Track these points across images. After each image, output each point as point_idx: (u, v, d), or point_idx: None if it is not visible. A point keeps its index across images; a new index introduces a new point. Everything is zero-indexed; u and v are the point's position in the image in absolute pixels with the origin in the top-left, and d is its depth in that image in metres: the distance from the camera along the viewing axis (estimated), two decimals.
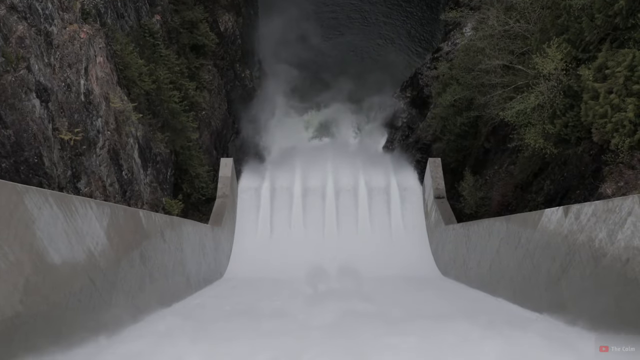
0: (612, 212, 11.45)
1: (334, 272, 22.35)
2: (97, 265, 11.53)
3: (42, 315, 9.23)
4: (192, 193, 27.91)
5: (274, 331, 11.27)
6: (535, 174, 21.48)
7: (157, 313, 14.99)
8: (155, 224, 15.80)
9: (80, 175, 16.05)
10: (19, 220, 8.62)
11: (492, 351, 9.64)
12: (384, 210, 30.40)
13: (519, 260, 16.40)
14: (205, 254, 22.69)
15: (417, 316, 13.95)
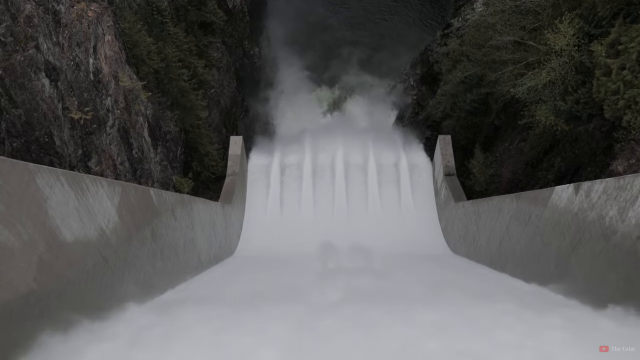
0: (623, 190, 11.40)
1: (344, 250, 22.44)
2: (109, 243, 11.63)
3: (55, 292, 9.34)
4: (202, 171, 27.97)
5: (284, 309, 11.35)
6: (545, 151, 21.37)
7: (169, 290, 15.17)
8: (166, 202, 15.88)
9: (90, 154, 16.12)
10: (31, 199, 8.69)
11: (499, 323, 9.70)
12: (393, 188, 30.38)
13: (529, 238, 16.40)
14: (216, 232, 22.82)
15: (427, 292, 14.00)
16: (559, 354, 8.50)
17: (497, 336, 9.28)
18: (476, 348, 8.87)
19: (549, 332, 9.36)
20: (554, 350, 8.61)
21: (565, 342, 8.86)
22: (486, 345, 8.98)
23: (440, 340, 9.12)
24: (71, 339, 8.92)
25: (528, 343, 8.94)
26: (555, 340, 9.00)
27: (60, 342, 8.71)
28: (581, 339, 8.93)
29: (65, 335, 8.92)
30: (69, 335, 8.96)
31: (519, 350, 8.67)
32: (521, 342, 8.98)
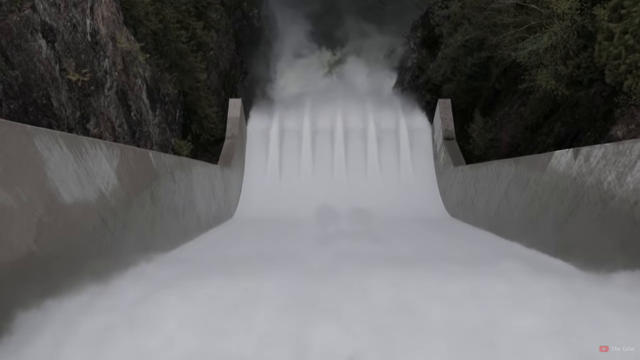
0: (622, 155, 11.42)
1: (343, 213, 22.55)
2: (109, 205, 11.67)
3: (56, 254, 9.41)
4: (201, 134, 27.90)
5: (282, 272, 11.44)
6: (545, 115, 21.29)
7: (169, 252, 15.27)
8: (165, 165, 15.88)
9: (89, 116, 16.05)
10: (29, 162, 8.69)
11: (493, 286, 9.80)
12: (393, 152, 30.35)
13: (527, 202, 16.46)
14: (215, 195, 22.88)
15: (424, 255, 14.12)
16: (549, 319, 8.61)
17: (493, 300, 9.38)
18: (472, 310, 8.97)
19: (542, 296, 9.47)
20: (546, 314, 8.72)
21: (557, 307, 8.97)
22: (482, 309, 9.08)
23: (437, 304, 9.22)
24: (72, 299, 9.02)
25: (524, 307, 9.04)
26: (548, 304, 9.11)
27: (62, 303, 8.81)
28: (575, 304, 9.03)
29: (66, 295, 9.01)
30: (70, 296, 9.06)
31: (514, 313, 8.77)
32: (517, 307, 9.09)
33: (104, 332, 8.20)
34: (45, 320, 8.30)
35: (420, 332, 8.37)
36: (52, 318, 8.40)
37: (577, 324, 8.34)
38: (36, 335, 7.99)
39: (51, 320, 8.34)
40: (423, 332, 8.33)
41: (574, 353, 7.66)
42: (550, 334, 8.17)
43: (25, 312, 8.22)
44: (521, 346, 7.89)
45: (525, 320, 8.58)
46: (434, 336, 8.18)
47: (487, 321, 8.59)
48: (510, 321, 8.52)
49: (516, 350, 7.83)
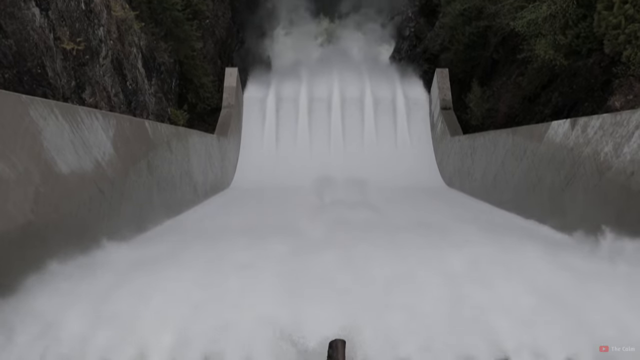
0: (619, 125, 11.41)
1: (339, 183, 22.58)
2: (105, 175, 11.67)
3: (53, 224, 9.43)
4: (197, 103, 27.74)
5: (278, 240, 11.50)
6: (543, 85, 21.21)
7: (166, 221, 15.33)
8: (162, 134, 15.84)
9: (84, 85, 15.93)
10: (25, 131, 8.66)
11: (487, 255, 9.89)
12: (390, 121, 30.28)
13: (524, 172, 16.50)
14: (212, 164, 22.87)
15: (420, 224, 14.18)
16: (546, 285, 8.71)
17: (485, 267, 9.48)
18: (466, 277, 9.06)
19: (533, 262, 9.57)
20: (541, 281, 8.82)
21: (550, 273, 9.07)
22: (475, 276, 9.17)
23: (434, 273, 9.31)
24: (69, 268, 9.07)
25: (516, 275, 9.14)
26: (539, 269, 9.21)
27: (59, 272, 8.87)
28: (569, 271, 9.13)
29: (63, 264, 9.06)
30: (67, 265, 9.11)
31: (506, 281, 8.86)
32: (508, 271, 9.19)
33: (102, 296, 8.30)
34: (43, 285, 8.37)
35: (414, 297, 8.47)
36: (51, 284, 8.47)
37: (564, 291, 8.46)
38: (35, 299, 8.06)
39: (50, 286, 8.41)
40: (418, 298, 8.43)
41: (560, 316, 7.82)
42: (537, 299, 8.30)
43: (24, 281, 8.28)
44: (511, 312, 8.01)
45: (515, 288, 8.68)
46: (429, 302, 8.29)
47: (478, 288, 8.68)
48: (498, 290, 8.61)
49: (508, 315, 7.95)
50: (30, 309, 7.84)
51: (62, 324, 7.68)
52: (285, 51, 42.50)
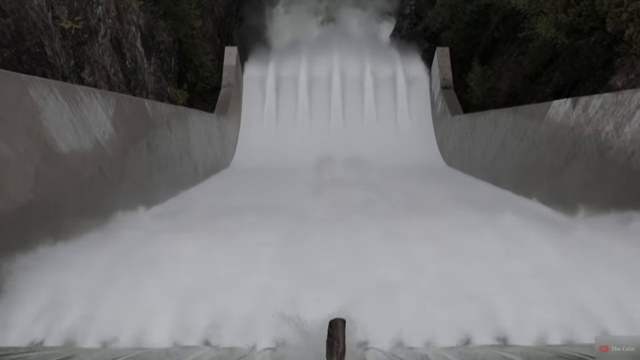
0: (620, 105, 11.39)
1: (339, 162, 22.58)
2: (105, 154, 11.66)
3: (54, 203, 9.45)
4: (197, 82, 27.60)
5: (279, 219, 11.56)
6: (544, 64, 21.08)
7: (166, 200, 15.35)
8: (161, 114, 15.81)
9: (83, 64, 15.84)
10: (25, 111, 8.64)
11: (485, 235, 9.94)
12: (390, 101, 30.15)
13: (524, 152, 16.49)
14: (212, 143, 22.84)
15: (419, 204, 14.22)
16: (545, 263, 8.77)
17: (480, 244, 9.54)
18: (461, 254, 9.13)
19: (531, 240, 9.63)
20: (541, 260, 8.87)
21: (541, 250, 9.14)
22: (472, 252, 9.23)
23: (432, 249, 9.37)
24: (71, 246, 9.13)
25: (514, 249, 9.22)
26: (537, 249, 9.27)
27: (61, 250, 8.92)
28: (565, 250, 9.19)
29: (65, 242, 9.12)
30: (68, 243, 9.16)
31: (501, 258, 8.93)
32: (508, 250, 9.25)
33: (104, 271, 8.38)
34: (44, 262, 8.42)
35: (411, 271, 8.57)
36: (52, 261, 8.53)
37: (558, 266, 8.53)
38: (37, 276, 8.13)
39: (51, 262, 8.47)
40: (414, 271, 8.54)
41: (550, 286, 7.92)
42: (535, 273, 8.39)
43: (24, 259, 8.33)
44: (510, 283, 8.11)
45: (509, 265, 8.75)
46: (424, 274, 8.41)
47: (473, 265, 8.75)
48: (495, 265, 8.67)
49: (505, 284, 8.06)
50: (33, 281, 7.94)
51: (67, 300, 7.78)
52: (285, 29, 42.15)
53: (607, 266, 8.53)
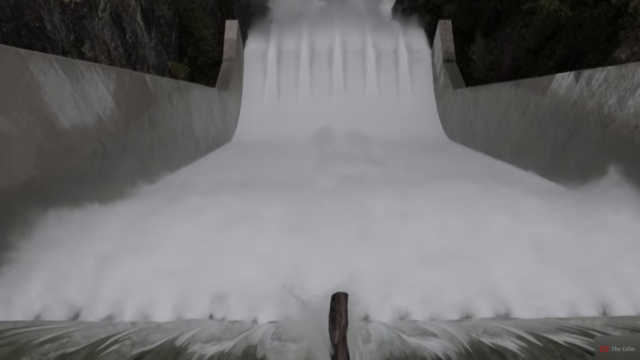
0: (624, 78, 11.32)
1: (341, 136, 22.53)
2: (107, 130, 11.65)
3: (56, 179, 9.46)
4: (198, 56, 27.43)
5: (282, 193, 11.59)
6: (548, 37, 20.89)
7: (169, 175, 15.37)
8: (163, 88, 15.75)
9: (83, 39, 15.74)
10: (25, 86, 8.62)
11: (491, 208, 9.98)
12: (392, 74, 29.99)
13: (526, 126, 16.44)
14: (213, 118, 22.79)
15: (422, 177, 14.22)
16: (545, 235, 8.81)
17: (481, 214, 9.59)
18: (464, 227, 9.17)
19: (531, 212, 9.67)
20: (540, 232, 8.92)
21: (550, 223, 9.17)
22: (472, 223, 9.28)
23: (433, 220, 9.43)
24: (75, 219, 9.18)
25: (517, 225, 9.25)
26: (539, 220, 9.31)
27: (65, 224, 8.97)
28: (566, 222, 9.23)
29: (69, 214, 9.17)
30: (72, 216, 9.21)
31: (509, 234, 8.95)
32: (510, 224, 9.28)
33: (108, 244, 8.44)
34: (48, 238, 8.48)
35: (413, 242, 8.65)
36: (57, 236, 8.58)
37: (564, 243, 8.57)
38: (44, 250, 8.19)
39: (55, 238, 8.52)
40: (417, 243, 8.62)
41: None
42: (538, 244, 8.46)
43: (29, 230, 8.39)
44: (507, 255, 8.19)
45: (509, 229, 8.80)
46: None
47: (473, 234, 8.81)
48: (494, 235, 8.72)
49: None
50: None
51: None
52: (286, 2, 41.77)
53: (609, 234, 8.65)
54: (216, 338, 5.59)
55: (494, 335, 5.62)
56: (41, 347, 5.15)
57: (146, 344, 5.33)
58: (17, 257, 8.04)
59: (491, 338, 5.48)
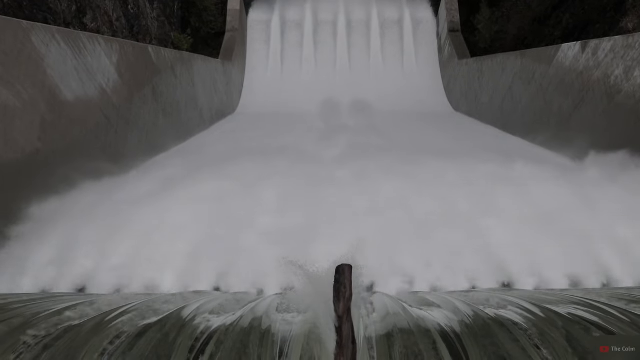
0: (631, 48, 11.22)
1: (345, 107, 22.47)
2: (110, 101, 11.63)
3: (60, 151, 9.48)
4: (201, 27, 27.21)
5: (288, 163, 11.63)
6: (554, 6, 20.67)
7: (172, 148, 15.39)
8: (166, 60, 15.68)
9: (85, 10, 15.62)
10: (28, 58, 8.58)
11: (494, 182, 9.98)
12: (396, 44, 29.74)
13: (531, 96, 16.35)
14: (217, 89, 22.71)
15: (427, 150, 14.21)
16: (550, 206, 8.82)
17: (484, 188, 9.60)
18: (467, 200, 9.19)
19: (537, 183, 9.68)
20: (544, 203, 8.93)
21: (556, 194, 9.18)
22: (477, 196, 9.29)
23: (437, 191, 9.44)
24: (80, 194, 9.22)
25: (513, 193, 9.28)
26: (544, 192, 9.31)
27: (70, 198, 9.00)
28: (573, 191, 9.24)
29: (74, 189, 9.20)
30: (78, 190, 9.25)
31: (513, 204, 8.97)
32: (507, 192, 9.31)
33: (117, 216, 8.48)
34: (55, 212, 8.52)
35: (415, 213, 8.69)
36: (63, 209, 8.63)
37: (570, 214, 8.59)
38: (49, 224, 8.23)
39: (62, 211, 8.57)
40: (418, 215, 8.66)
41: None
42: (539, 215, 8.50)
43: (40, 202, 8.45)
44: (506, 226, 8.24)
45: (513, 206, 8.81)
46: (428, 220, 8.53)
47: (479, 210, 8.82)
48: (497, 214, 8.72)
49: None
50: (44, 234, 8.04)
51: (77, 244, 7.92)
52: None
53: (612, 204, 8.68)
54: (222, 309, 5.64)
55: (497, 306, 5.66)
56: (50, 319, 5.20)
57: (153, 315, 5.39)
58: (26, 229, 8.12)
59: (494, 309, 5.51)
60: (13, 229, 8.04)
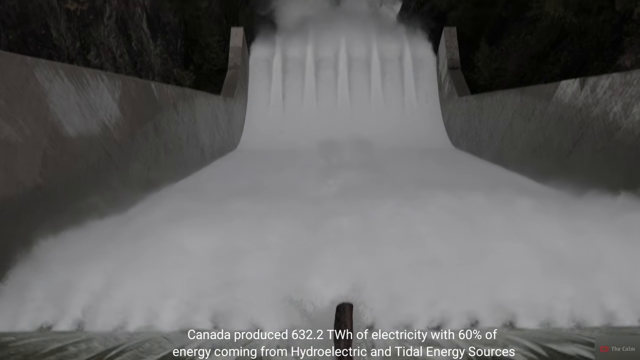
0: (629, 85, 11.29)
1: (346, 144, 22.54)
2: (112, 137, 11.68)
3: (61, 187, 9.48)
4: (203, 64, 27.49)
5: (287, 203, 11.58)
6: (552, 44, 20.90)
7: (173, 184, 15.37)
8: (168, 96, 15.79)
9: (89, 46, 15.83)
10: (31, 94, 8.64)
11: (495, 218, 9.93)
12: (397, 82, 29.97)
13: (531, 133, 16.41)
14: (218, 126, 22.82)
15: (428, 186, 14.19)
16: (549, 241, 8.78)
17: (483, 226, 9.55)
18: (466, 233, 9.16)
19: (535, 219, 9.63)
20: (543, 237, 8.89)
21: (555, 230, 9.13)
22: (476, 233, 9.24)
23: (433, 226, 9.41)
24: (80, 230, 9.17)
25: (516, 230, 9.22)
26: (544, 227, 9.27)
27: (71, 234, 8.96)
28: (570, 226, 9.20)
29: (75, 225, 9.16)
30: (79, 227, 9.20)
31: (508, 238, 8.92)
32: (509, 229, 9.25)
33: (119, 250, 8.41)
34: (58, 249, 8.46)
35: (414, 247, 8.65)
36: (67, 245, 8.56)
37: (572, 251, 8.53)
38: (53, 256, 8.17)
39: (66, 247, 8.50)
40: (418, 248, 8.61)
41: None
42: None
43: (40, 238, 8.39)
44: None
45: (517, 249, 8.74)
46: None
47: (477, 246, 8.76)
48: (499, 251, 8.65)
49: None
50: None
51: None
52: (291, 9, 41.85)
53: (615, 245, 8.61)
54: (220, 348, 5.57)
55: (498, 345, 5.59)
56: (46, 357, 5.14)
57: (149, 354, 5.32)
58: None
59: (495, 348, 5.44)
60: (11, 268, 7.98)
